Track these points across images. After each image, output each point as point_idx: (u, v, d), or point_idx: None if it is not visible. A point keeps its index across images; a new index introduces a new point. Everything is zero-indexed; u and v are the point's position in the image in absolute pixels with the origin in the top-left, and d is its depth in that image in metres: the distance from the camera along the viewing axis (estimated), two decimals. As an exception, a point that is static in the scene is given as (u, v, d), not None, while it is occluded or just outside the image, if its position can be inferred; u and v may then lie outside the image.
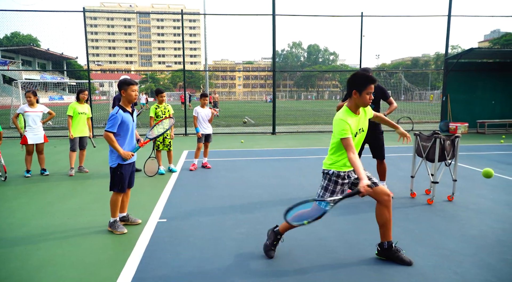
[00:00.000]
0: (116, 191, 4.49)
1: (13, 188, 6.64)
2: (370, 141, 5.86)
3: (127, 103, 4.48)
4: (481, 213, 5.12)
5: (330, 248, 3.99)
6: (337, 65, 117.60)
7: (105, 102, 31.27)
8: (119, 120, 4.34)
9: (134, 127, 4.62)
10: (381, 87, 5.78)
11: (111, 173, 4.45)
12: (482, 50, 15.52)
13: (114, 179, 4.45)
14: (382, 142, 5.90)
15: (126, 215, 4.82)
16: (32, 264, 3.65)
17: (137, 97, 4.54)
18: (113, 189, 4.49)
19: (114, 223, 4.53)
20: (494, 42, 61.39)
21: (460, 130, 14.65)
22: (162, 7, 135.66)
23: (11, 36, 75.98)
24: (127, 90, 4.41)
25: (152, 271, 3.48)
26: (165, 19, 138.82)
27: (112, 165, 4.42)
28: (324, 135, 15.07)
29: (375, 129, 5.82)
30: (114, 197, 4.52)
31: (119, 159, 4.40)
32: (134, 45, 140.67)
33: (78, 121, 7.76)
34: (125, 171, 4.47)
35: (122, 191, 4.51)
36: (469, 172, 7.66)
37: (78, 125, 7.77)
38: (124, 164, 4.45)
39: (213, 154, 9.84)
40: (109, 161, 4.45)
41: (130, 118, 4.48)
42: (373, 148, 5.93)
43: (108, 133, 4.31)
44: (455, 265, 3.56)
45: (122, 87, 4.42)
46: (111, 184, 4.48)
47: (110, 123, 4.32)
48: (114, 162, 4.42)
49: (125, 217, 4.80)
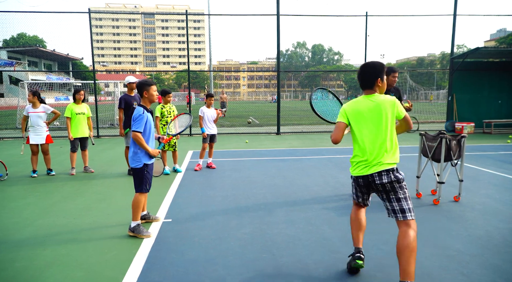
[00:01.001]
0: (144, 191, 4.46)
1: (19, 188, 6.68)
2: None
3: (148, 103, 4.52)
4: (488, 213, 5.09)
5: (335, 248, 3.98)
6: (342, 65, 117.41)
7: (110, 102, 31.40)
8: (145, 119, 4.37)
9: (153, 126, 4.67)
10: (397, 88, 5.75)
11: (137, 174, 4.42)
12: (488, 50, 15.41)
13: (142, 179, 4.42)
14: None
15: (147, 213, 4.85)
16: (38, 264, 3.67)
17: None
18: (140, 189, 4.44)
19: (138, 227, 4.42)
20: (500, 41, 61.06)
21: (466, 130, 14.56)
22: (166, 7, 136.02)
23: (18, 37, 76.53)
24: (149, 91, 4.47)
25: (157, 271, 3.49)
26: (169, 19, 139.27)
27: (137, 165, 4.38)
28: (328, 135, 15.02)
29: None
30: (139, 197, 4.45)
31: (145, 158, 4.40)
32: (139, 46, 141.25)
33: (77, 122, 7.77)
34: (150, 170, 4.49)
35: (148, 191, 4.51)
36: (475, 172, 7.62)
37: (77, 126, 7.78)
38: (149, 164, 4.46)
39: (218, 154, 9.85)
40: (133, 163, 4.41)
41: (151, 117, 4.53)
42: None
43: (136, 133, 4.31)
44: (461, 265, 3.54)
45: (143, 88, 4.46)
46: (138, 185, 4.44)
47: (138, 123, 4.33)
48: (139, 163, 4.39)
49: (146, 215, 4.83)
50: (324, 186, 6.61)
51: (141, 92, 4.50)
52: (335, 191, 6.28)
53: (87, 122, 7.96)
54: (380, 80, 3.28)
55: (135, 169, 4.41)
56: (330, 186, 6.60)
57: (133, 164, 4.41)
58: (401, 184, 3.14)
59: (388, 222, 4.75)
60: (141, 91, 4.49)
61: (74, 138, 7.76)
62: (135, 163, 4.40)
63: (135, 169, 4.41)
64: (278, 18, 14.65)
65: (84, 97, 7.94)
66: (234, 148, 11.43)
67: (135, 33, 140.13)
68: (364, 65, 3.37)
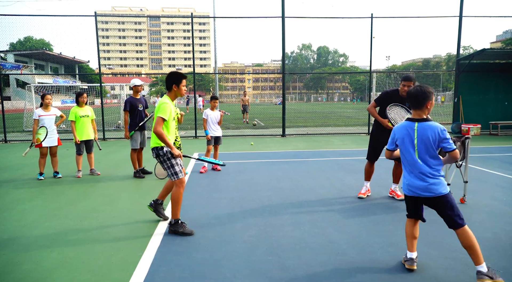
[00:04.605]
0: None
1: (27, 191, 6.73)
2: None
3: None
4: (494, 215, 5.06)
5: (341, 250, 3.97)
6: (347, 67, 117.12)
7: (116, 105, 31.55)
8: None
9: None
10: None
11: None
12: (494, 51, 15.33)
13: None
14: None
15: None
16: (45, 266, 3.69)
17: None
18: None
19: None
20: (506, 43, 60.63)
21: (472, 132, 14.47)
22: (172, 10, 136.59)
23: (24, 41, 77.17)
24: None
25: (163, 273, 3.50)
26: (175, 22, 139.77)
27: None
28: (334, 137, 15.00)
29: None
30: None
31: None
32: (145, 49, 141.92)
33: (82, 124, 7.81)
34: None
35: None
36: (481, 174, 7.57)
37: (82, 128, 7.83)
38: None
39: (223, 157, 9.86)
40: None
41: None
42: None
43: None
44: (468, 267, 3.51)
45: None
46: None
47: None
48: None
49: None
50: (330, 189, 6.60)
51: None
52: (340, 194, 6.27)
53: (91, 124, 8.01)
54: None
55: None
56: (335, 189, 6.59)
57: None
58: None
59: (394, 225, 4.74)
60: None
61: (80, 141, 7.81)
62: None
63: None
64: (283, 20, 14.65)
65: (87, 100, 7.99)
66: (239, 150, 11.44)
67: (141, 36, 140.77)
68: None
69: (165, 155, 4.38)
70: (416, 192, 3.34)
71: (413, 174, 3.35)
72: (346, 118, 26.55)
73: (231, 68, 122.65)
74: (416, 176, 3.33)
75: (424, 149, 3.29)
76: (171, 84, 4.39)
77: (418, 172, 3.32)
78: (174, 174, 4.43)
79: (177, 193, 4.44)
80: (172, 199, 4.46)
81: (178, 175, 4.43)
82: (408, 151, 3.37)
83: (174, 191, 4.45)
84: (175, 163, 4.42)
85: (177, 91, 4.42)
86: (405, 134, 3.39)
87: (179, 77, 4.40)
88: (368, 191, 6.05)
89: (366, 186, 6.06)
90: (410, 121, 3.40)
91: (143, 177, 7.72)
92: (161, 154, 4.39)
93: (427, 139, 3.27)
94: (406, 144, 3.39)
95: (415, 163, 3.33)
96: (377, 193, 6.20)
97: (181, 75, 4.44)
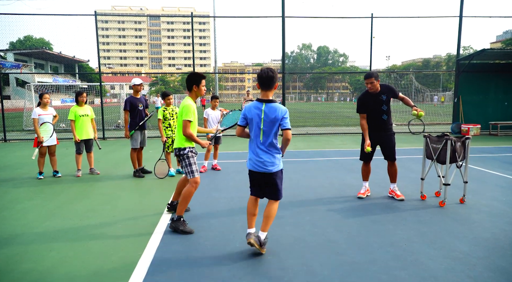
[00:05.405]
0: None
1: (26, 190, 6.73)
2: (381, 142, 5.82)
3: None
4: (494, 215, 5.06)
5: (341, 250, 3.97)
6: (347, 67, 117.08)
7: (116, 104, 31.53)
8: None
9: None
10: (390, 88, 5.78)
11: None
12: (494, 51, 15.33)
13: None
14: (394, 143, 5.85)
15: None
16: (45, 266, 3.69)
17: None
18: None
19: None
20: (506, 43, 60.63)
21: (472, 132, 14.48)
22: (172, 10, 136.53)
23: (24, 40, 77.13)
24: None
25: (163, 272, 3.50)
26: (175, 22, 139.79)
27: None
28: (334, 137, 15.01)
29: (387, 130, 5.78)
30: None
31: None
32: (145, 48, 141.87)
33: (81, 124, 7.82)
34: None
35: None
36: (481, 174, 7.57)
37: (81, 128, 7.83)
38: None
39: (223, 156, 9.85)
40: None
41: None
42: (384, 149, 5.87)
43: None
44: (468, 268, 3.51)
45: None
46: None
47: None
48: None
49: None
50: (329, 188, 6.60)
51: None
52: (340, 193, 6.27)
53: (91, 123, 8.00)
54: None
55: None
56: (335, 188, 6.59)
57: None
58: None
59: (394, 224, 4.74)
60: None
61: (79, 140, 7.81)
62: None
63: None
64: (284, 20, 14.65)
65: (86, 99, 7.99)
66: (239, 150, 11.44)
67: (141, 35, 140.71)
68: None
69: (185, 154, 4.56)
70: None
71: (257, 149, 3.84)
72: (346, 118, 26.54)
73: (231, 68, 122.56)
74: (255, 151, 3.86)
75: (269, 127, 3.71)
76: (191, 84, 4.50)
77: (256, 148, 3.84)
78: (190, 173, 4.56)
79: (188, 191, 4.55)
80: (183, 196, 4.57)
81: (194, 174, 4.56)
82: (256, 128, 3.77)
83: (186, 189, 4.57)
84: (193, 162, 4.58)
85: (197, 91, 4.54)
86: (254, 114, 3.74)
87: (198, 78, 4.51)
88: (367, 191, 6.05)
89: (365, 186, 6.06)
90: (259, 101, 3.74)
91: (143, 176, 7.72)
92: (181, 153, 4.57)
93: (273, 118, 3.67)
94: (254, 122, 3.76)
95: (256, 139, 3.79)
96: (377, 193, 6.20)
97: (200, 75, 4.54)
